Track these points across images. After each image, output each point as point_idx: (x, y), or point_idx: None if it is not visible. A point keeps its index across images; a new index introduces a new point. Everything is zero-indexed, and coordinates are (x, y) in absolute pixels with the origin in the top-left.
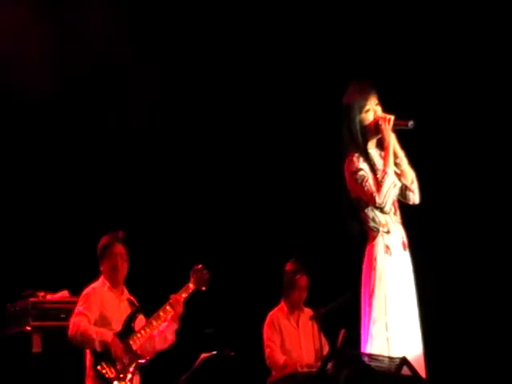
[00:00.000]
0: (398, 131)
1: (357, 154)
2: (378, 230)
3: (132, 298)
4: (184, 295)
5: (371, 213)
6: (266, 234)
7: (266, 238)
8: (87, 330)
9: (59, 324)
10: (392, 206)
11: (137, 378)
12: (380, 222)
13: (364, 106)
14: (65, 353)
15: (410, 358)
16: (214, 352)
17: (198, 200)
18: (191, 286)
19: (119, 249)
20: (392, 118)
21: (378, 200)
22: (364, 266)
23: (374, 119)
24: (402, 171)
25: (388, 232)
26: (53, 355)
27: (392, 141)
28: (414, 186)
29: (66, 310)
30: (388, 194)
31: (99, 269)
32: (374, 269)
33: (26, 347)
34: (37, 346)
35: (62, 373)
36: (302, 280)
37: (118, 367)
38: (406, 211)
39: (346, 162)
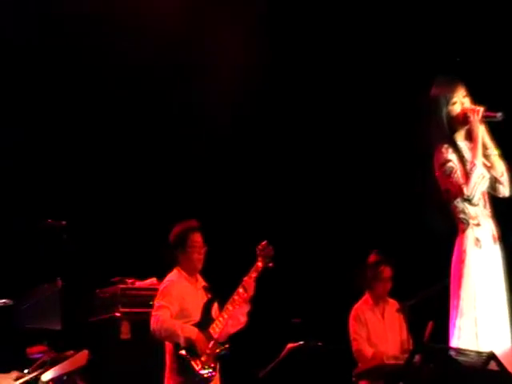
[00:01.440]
0: (488, 123)
1: (446, 146)
2: (467, 223)
3: (206, 284)
4: (254, 275)
5: (461, 205)
6: (353, 226)
7: (353, 230)
8: (172, 326)
9: (148, 311)
10: (481, 199)
11: (217, 367)
12: (470, 214)
13: (451, 98)
14: (153, 340)
15: (498, 353)
16: (301, 342)
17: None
18: (259, 264)
19: (198, 237)
20: (481, 109)
21: (466, 192)
22: (453, 259)
23: (462, 111)
24: (491, 163)
25: (478, 225)
26: (141, 342)
27: (481, 132)
28: (504, 179)
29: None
30: (476, 186)
31: (173, 259)
32: (463, 261)
33: (115, 333)
34: (125, 333)
35: (151, 360)
36: (386, 271)
37: (203, 359)
38: (497, 204)
39: (435, 154)
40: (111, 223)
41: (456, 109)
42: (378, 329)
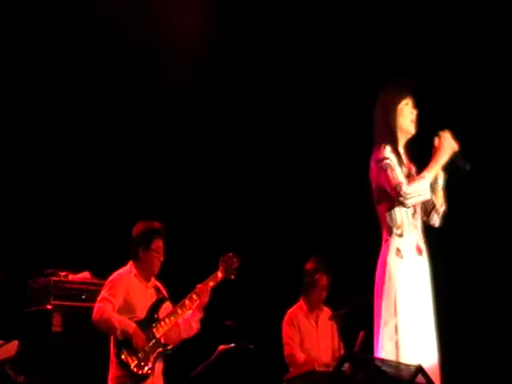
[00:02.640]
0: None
1: (387, 145)
2: (391, 231)
3: (159, 285)
4: (211, 283)
5: (389, 208)
6: (290, 231)
7: (290, 234)
8: (110, 318)
9: (80, 304)
10: (412, 208)
11: (160, 366)
12: (396, 221)
13: (403, 98)
14: (84, 334)
15: (423, 365)
16: (232, 345)
17: (226, 193)
18: (220, 274)
19: (161, 244)
20: (457, 147)
21: (406, 189)
22: (378, 267)
23: (438, 137)
24: (436, 192)
25: (401, 235)
26: (72, 335)
27: (445, 160)
28: (442, 210)
29: (87, 292)
30: (416, 194)
31: (131, 252)
32: (385, 271)
33: (47, 325)
34: (57, 325)
35: (81, 353)
36: (322, 279)
37: (140, 355)
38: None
39: (373, 153)
40: (45, 214)
41: (405, 111)
42: (311, 335)
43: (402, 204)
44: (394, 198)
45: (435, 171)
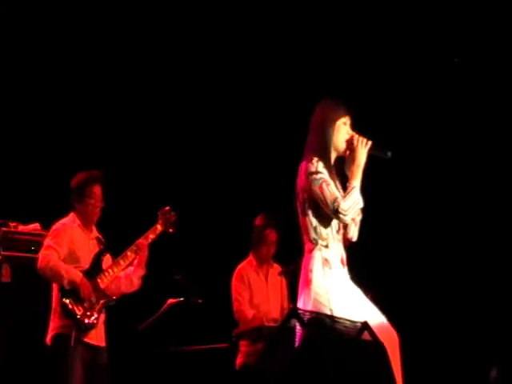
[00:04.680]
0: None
1: (317, 159)
2: (316, 243)
3: (100, 236)
4: (151, 236)
5: (314, 222)
6: (241, 184)
7: (241, 188)
8: (57, 266)
9: (29, 256)
10: (338, 223)
11: (102, 317)
12: (321, 234)
13: (340, 118)
14: (33, 284)
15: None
16: (181, 298)
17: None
18: (159, 227)
19: (98, 190)
20: (370, 142)
21: (343, 206)
22: (301, 278)
23: (350, 136)
24: None
25: (327, 246)
26: (21, 286)
27: (363, 161)
28: (358, 219)
29: (37, 243)
30: (352, 207)
31: (71, 204)
32: (310, 282)
33: None
34: (6, 276)
35: (30, 304)
36: (271, 235)
37: (86, 305)
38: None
39: (303, 164)
40: None
41: (342, 130)
42: (261, 291)
43: (341, 220)
44: (330, 213)
45: (359, 175)
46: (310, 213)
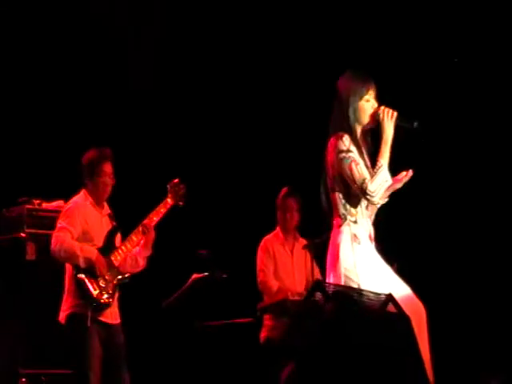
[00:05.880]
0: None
1: (347, 136)
2: (345, 218)
3: (111, 212)
4: (162, 210)
5: (344, 198)
6: (269, 160)
7: (269, 164)
8: (72, 246)
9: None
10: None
11: (116, 294)
12: (350, 210)
13: (364, 94)
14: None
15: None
16: (206, 273)
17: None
18: (169, 200)
19: (109, 168)
20: (396, 113)
21: (370, 187)
22: (330, 252)
23: (374, 110)
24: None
25: (355, 222)
26: (46, 264)
27: (391, 135)
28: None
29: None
30: (380, 187)
31: (81, 181)
32: (338, 257)
33: (20, 254)
34: (31, 254)
35: (55, 282)
36: (291, 202)
37: (101, 284)
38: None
39: (332, 140)
40: (20, 143)
41: (366, 106)
42: (286, 264)
43: (369, 201)
44: (359, 193)
45: (387, 152)
46: (339, 189)
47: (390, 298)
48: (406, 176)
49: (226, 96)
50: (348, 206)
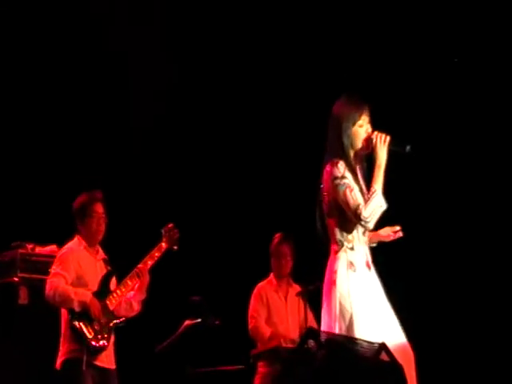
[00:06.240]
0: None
1: (342, 162)
2: (342, 245)
3: (106, 257)
4: (157, 254)
5: (340, 224)
6: (261, 205)
7: (261, 211)
8: (66, 291)
9: (46, 278)
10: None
11: (112, 338)
12: (347, 236)
13: (357, 119)
14: (51, 307)
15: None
16: (199, 320)
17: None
18: (164, 244)
19: (100, 208)
20: (388, 137)
21: (364, 213)
22: (326, 278)
23: (368, 135)
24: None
25: (352, 249)
26: (39, 308)
27: (384, 160)
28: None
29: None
30: (374, 212)
31: (75, 227)
32: (335, 283)
33: (13, 298)
34: (23, 298)
35: (47, 327)
36: (285, 248)
37: (96, 327)
38: None
39: (328, 166)
40: (14, 187)
41: (360, 131)
42: (280, 310)
43: (363, 227)
44: (353, 219)
45: (381, 177)
46: (335, 215)
47: (383, 346)
48: (395, 234)
49: (220, 142)
50: (344, 233)
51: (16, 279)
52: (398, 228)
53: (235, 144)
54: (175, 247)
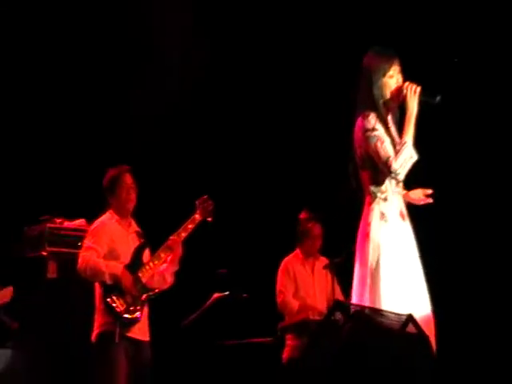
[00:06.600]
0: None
1: (373, 114)
2: (375, 196)
3: (139, 230)
4: (190, 226)
5: (373, 175)
6: (288, 178)
7: (288, 182)
8: (97, 264)
9: (75, 251)
10: None
11: (145, 311)
12: (380, 188)
13: (388, 70)
14: (79, 280)
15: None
16: (227, 293)
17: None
18: (197, 216)
19: (129, 179)
20: (419, 88)
21: (394, 165)
22: (360, 230)
23: (398, 86)
24: None
25: (385, 199)
26: (67, 282)
27: (415, 111)
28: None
29: (83, 239)
30: (404, 164)
31: (107, 201)
32: (368, 235)
33: (42, 272)
34: (52, 272)
35: (76, 300)
36: (315, 228)
37: (128, 300)
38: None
39: (359, 119)
40: (43, 161)
41: (391, 82)
42: (307, 283)
43: (394, 178)
44: (384, 171)
45: (411, 129)
46: (368, 167)
47: (410, 318)
48: (426, 199)
49: (251, 117)
50: (377, 184)
51: (44, 253)
52: (429, 191)
53: (266, 119)
54: (209, 219)
